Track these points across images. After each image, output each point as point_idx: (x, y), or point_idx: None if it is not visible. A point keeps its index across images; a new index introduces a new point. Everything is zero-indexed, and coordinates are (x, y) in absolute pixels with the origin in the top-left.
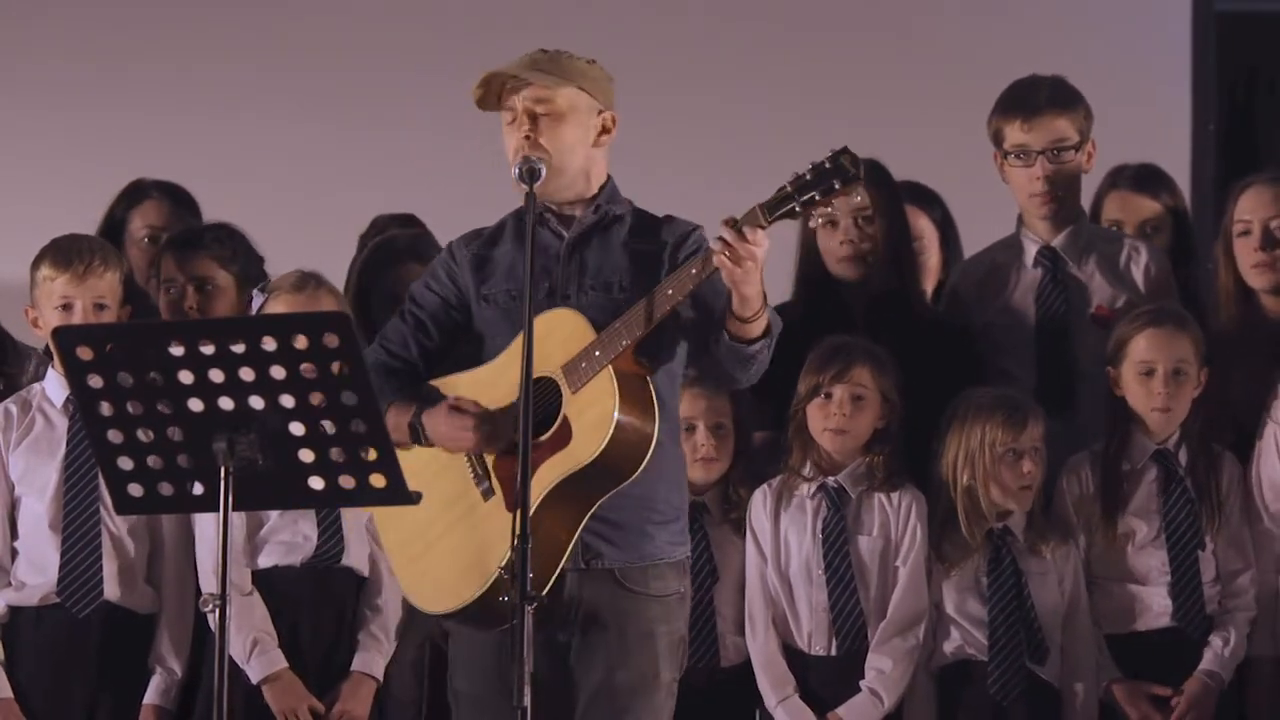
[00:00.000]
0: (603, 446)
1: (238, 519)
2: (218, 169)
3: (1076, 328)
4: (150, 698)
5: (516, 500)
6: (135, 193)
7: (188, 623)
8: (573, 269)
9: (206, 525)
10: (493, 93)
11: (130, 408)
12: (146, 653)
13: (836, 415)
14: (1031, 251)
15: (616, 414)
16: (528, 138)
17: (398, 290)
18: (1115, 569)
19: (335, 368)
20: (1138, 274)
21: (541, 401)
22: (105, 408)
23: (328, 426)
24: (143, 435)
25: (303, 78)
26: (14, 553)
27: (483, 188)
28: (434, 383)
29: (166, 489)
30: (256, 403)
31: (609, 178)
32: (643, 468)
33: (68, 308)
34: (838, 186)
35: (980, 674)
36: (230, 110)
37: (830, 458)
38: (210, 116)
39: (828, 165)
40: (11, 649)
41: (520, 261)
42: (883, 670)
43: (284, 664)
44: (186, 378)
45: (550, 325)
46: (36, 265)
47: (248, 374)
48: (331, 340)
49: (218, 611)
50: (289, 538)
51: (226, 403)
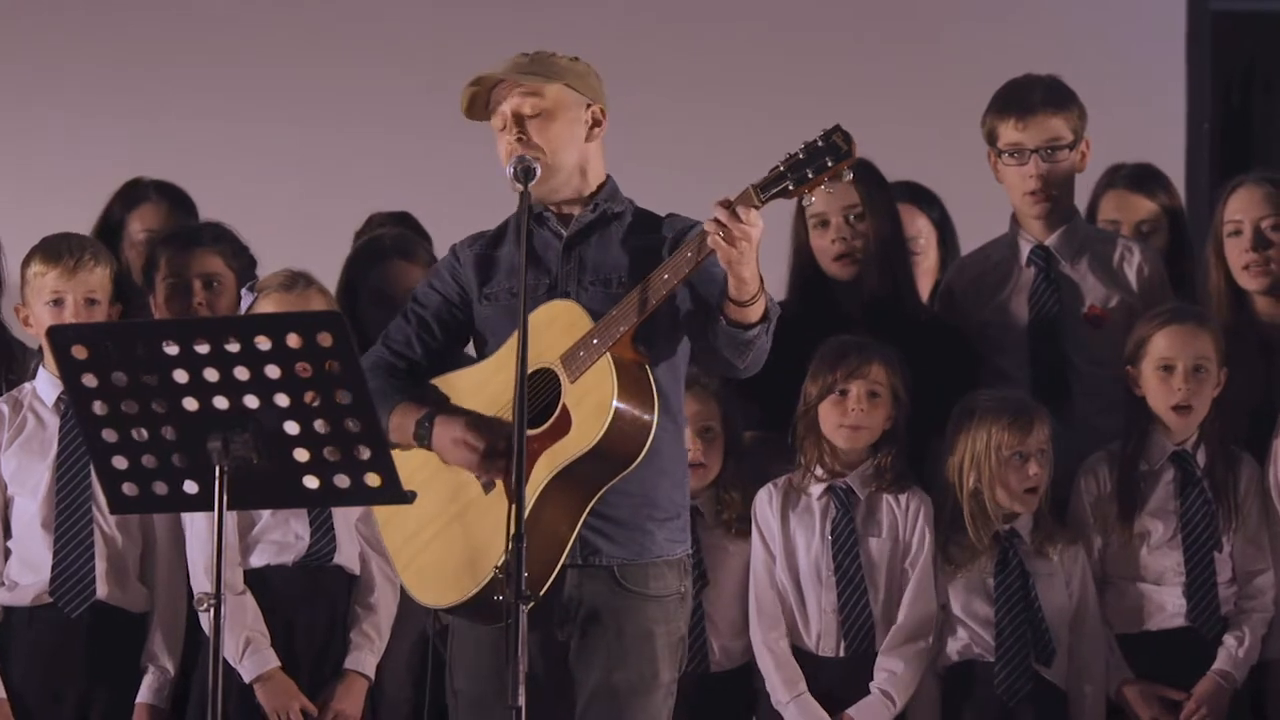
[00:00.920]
0: (602, 432)
1: (230, 518)
2: (216, 169)
3: (1069, 327)
4: (143, 696)
5: (512, 498)
6: (133, 193)
7: (180, 621)
8: (572, 266)
9: (198, 524)
10: (480, 100)
11: (124, 407)
12: (139, 652)
13: (855, 411)
14: (1025, 251)
15: (615, 400)
16: (520, 139)
17: (384, 287)
18: (1130, 569)
19: (329, 367)
20: (1131, 274)
21: (541, 392)
22: (99, 407)
23: (322, 426)
24: (137, 434)
25: (302, 78)
26: (6, 552)
27: (481, 188)
28: (434, 381)
29: (161, 488)
30: (251, 402)
31: (609, 177)
32: (643, 455)
33: (59, 303)
34: (830, 164)
35: (986, 675)
36: (229, 110)
37: (841, 458)
38: (209, 116)
39: (820, 143)
40: (4, 649)
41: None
42: (894, 672)
43: (276, 663)
44: (181, 377)
45: (549, 316)
46: (27, 263)
47: (242, 373)
48: (325, 339)
49: (212, 611)
50: (281, 537)
51: (221, 402)
